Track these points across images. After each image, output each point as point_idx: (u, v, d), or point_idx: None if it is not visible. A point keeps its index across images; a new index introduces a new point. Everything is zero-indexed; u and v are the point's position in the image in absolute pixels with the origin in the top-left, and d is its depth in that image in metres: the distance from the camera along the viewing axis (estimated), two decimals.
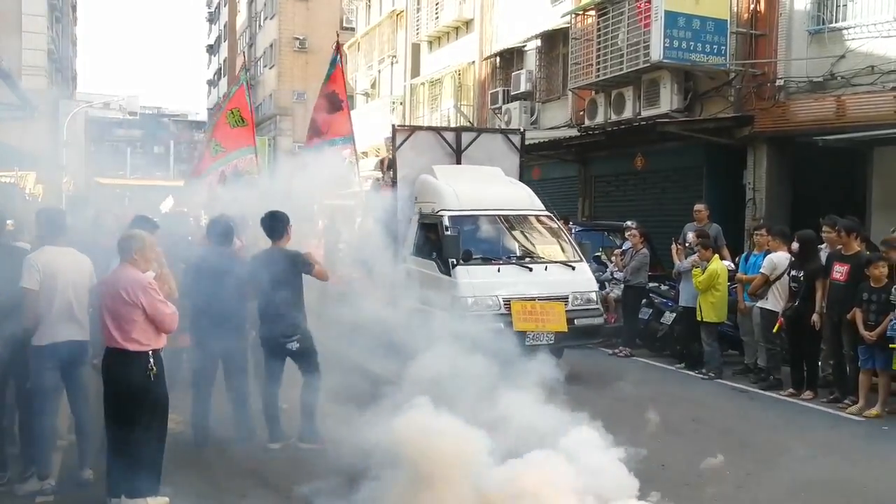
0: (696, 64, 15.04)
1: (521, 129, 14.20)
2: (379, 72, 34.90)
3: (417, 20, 29.49)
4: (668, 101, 15.71)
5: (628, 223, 13.66)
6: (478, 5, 25.20)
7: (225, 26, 71.56)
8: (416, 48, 30.32)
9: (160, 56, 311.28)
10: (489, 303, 10.00)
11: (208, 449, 7.44)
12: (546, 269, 10.65)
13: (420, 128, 13.82)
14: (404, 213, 11.54)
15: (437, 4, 27.87)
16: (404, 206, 11.51)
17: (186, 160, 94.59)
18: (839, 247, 9.74)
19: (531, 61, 22.19)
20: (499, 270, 10.42)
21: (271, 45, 51.90)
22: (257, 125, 29.79)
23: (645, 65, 15.55)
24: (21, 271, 6.21)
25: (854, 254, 9.56)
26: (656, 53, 14.83)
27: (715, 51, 14.94)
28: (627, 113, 16.71)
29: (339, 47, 15.96)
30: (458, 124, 25.74)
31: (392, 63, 33.60)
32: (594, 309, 10.77)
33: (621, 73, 16.43)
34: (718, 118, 15.36)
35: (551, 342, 9.88)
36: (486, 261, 10.58)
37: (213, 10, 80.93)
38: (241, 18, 64.30)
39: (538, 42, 21.60)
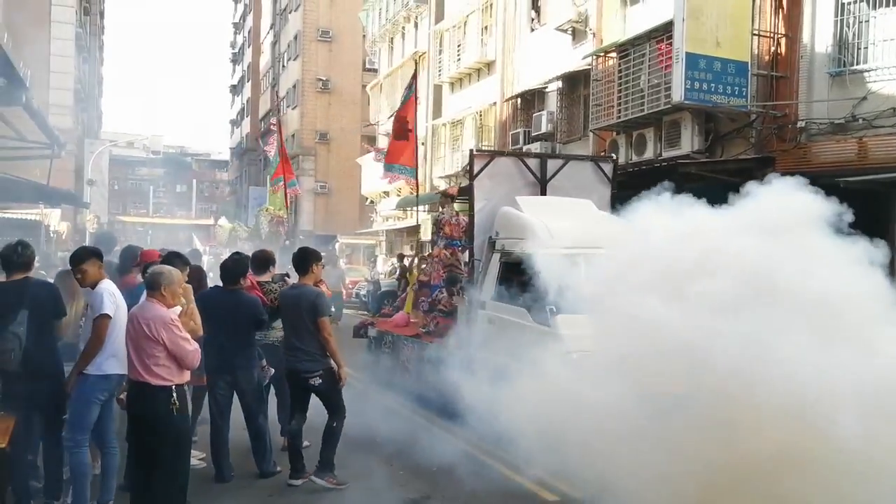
0: (717, 105, 15.07)
1: (614, 157, 13.25)
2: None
3: (439, 62, 29.83)
4: (689, 142, 15.76)
5: None
6: (499, 47, 25.47)
7: (248, 67, 72.59)
8: (437, 89, 30.64)
9: (185, 96, 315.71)
10: None
11: (230, 485, 7.43)
12: None
13: (501, 153, 12.44)
14: (481, 251, 10.33)
15: (458, 46, 28.21)
16: (482, 242, 10.36)
17: (208, 199, 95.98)
18: None
19: (552, 102, 22.34)
20: None
21: (294, 86, 52.52)
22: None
23: (666, 106, 15.61)
24: (58, 302, 6.36)
25: None
26: (677, 95, 14.86)
27: (736, 92, 14.97)
28: (648, 154, 16.75)
29: (415, 76, 16.50)
30: None
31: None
32: None
33: (642, 114, 16.51)
34: (739, 159, 15.36)
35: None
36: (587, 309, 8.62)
37: (236, 51, 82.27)
38: (265, 59, 65.21)
39: (559, 83, 21.76)
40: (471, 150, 11.51)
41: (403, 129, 16.14)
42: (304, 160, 50.47)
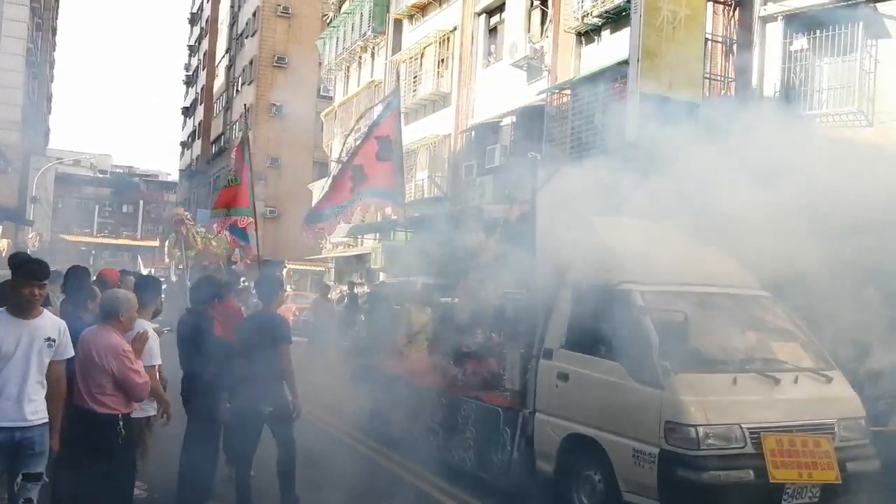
0: None
1: None
2: (355, 140, 35.11)
3: None
4: None
5: None
6: (455, 80, 25.65)
7: (202, 90, 72.00)
8: None
9: (135, 116, 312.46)
10: (731, 435, 6.43)
11: None
12: (796, 380, 6.91)
13: (571, 164, 11.15)
14: (545, 283, 8.00)
15: (415, 78, 28.32)
16: (545, 271, 7.97)
17: (154, 220, 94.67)
18: None
19: (506, 136, 22.50)
20: (734, 382, 6.68)
21: (247, 110, 52.23)
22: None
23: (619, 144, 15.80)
24: None
25: None
26: (631, 133, 15.05)
27: None
28: None
29: (397, 87, 15.26)
30: (433, 195, 25.95)
31: None
32: (865, 445, 6.98)
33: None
34: None
35: (816, 499, 6.54)
36: (711, 366, 6.93)
37: (190, 73, 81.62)
38: (219, 83, 64.73)
39: (513, 118, 21.94)
40: (533, 157, 9.65)
41: (387, 148, 14.23)
42: (254, 184, 50.04)
